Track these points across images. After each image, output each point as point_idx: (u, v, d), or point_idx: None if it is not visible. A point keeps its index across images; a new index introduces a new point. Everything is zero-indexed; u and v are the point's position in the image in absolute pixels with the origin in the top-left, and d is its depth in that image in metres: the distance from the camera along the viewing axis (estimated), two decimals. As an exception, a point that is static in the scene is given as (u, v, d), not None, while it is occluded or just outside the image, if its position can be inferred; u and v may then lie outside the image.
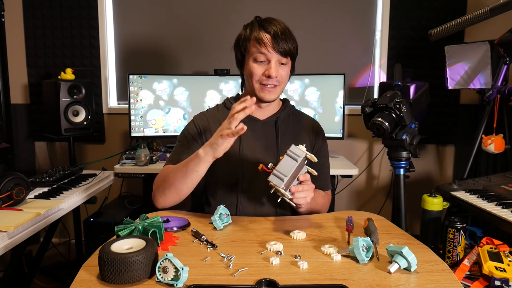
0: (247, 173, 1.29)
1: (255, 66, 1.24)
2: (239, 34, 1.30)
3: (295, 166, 1.01)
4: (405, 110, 1.20)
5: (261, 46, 1.21)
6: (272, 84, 1.25)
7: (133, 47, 2.76)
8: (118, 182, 2.64)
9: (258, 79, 1.25)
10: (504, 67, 1.97)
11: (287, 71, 1.28)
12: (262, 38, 1.21)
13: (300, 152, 1.02)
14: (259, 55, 1.23)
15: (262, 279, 0.80)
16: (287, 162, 1.01)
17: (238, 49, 1.30)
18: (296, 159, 1.01)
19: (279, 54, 1.22)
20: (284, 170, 1.00)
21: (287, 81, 1.31)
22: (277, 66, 1.23)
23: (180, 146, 1.33)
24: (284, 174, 1.00)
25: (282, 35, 1.21)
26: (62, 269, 2.50)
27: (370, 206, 2.86)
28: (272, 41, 1.21)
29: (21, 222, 1.32)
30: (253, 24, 1.27)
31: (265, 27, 1.22)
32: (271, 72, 1.22)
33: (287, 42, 1.22)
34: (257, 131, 1.33)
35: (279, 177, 1.00)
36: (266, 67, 1.23)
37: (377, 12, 2.72)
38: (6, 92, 2.23)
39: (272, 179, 1.00)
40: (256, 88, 1.26)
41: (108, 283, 0.78)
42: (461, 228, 1.35)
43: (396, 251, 0.85)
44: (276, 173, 1.00)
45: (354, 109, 2.71)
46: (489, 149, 2.01)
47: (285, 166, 1.01)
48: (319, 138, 1.40)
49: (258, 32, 1.23)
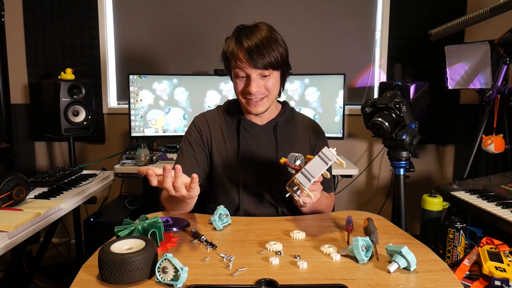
0: (246, 178, 1.30)
1: (237, 81, 1.23)
2: (222, 46, 1.27)
3: (324, 168, 0.99)
4: (405, 110, 1.20)
5: (237, 63, 1.19)
6: (258, 98, 1.23)
7: (133, 47, 2.76)
8: (118, 182, 2.64)
9: (241, 94, 1.24)
10: (504, 67, 1.97)
11: (274, 81, 1.23)
12: (238, 55, 1.18)
13: (332, 156, 0.99)
14: (238, 71, 1.21)
15: (262, 279, 0.80)
16: (317, 163, 0.99)
17: (223, 62, 1.29)
18: (327, 162, 0.98)
19: (257, 69, 1.18)
20: (313, 171, 0.98)
21: (277, 90, 1.27)
22: (258, 81, 1.20)
23: (184, 151, 1.33)
24: (312, 175, 0.98)
25: (258, 48, 1.16)
26: (62, 269, 2.50)
27: (370, 206, 2.86)
28: (247, 57, 1.16)
29: (21, 222, 1.32)
30: (231, 37, 1.23)
31: (241, 42, 1.18)
32: (251, 89, 1.19)
33: (264, 56, 1.16)
34: (256, 136, 1.32)
35: (307, 177, 0.98)
36: (247, 82, 1.21)
37: (377, 12, 2.72)
38: (6, 92, 2.23)
39: (299, 177, 0.99)
40: (243, 102, 1.26)
41: (108, 283, 0.78)
42: (461, 228, 1.35)
43: (395, 251, 0.85)
44: (305, 172, 0.99)
45: (354, 109, 2.71)
46: (489, 149, 2.01)
47: (315, 167, 0.99)
48: (319, 140, 1.40)
49: (233, 48, 1.19)
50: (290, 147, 1.34)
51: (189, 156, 1.31)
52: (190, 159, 1.30)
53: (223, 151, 1.31)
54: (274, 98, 1.29)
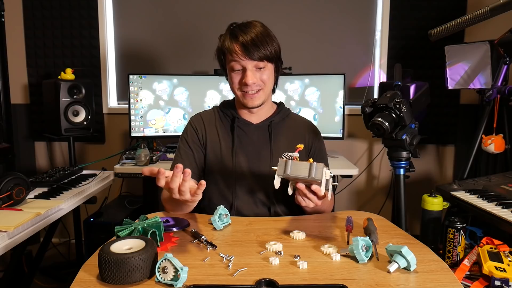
0: (240, 176, 1.30)
1: (233, 75, 1.26)
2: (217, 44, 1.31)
3: (303, 176, 0.97)
4: (405, 110, 1.20)
5: (233, 56, 1.22)
6: (254, 90, 1.25)
7: (133, 47, 2.76)
8: (118, 182, 2.64)
9: (238, 87, 1.27)
10: (504, 67, 1.97)
11: (269, 74, 1.27)
12: (233, 48, 1.22)
13: (319, 174, 0.96)
14: (234, 64, 1.24)
15: (262, 279, 0.80)
16: (303, 168, 0.97)
17: (218, 60, 1.32)
18: (309, 174, 0.96)
19: (253, 60, 1.22)
20: (294, 170, 0.97)
21: (272, 83, 1.31)
22: (254, 73, 1.23)
23: (181, 150, 1.35)
24: (289, 171, 0.97)
25: (253, 42, 1.20)
26: (62, 269, 2.50)
27: (370, 206, 2.86)
28: (243, 50, 1.21)
29: (21, 222, 1.32)
30: (225, 34, 1.27)
31: (236, 36, 1.22)
32: (247, 80, 1.22)
33: (259, 48, 1.21)
34: (250, 135, 1.34)
35: (285, 169, 0.97)
36: (242, 75, 1.24)
37: (377, 12, 2.72)
38: (6, 92, 2.23)
39: (280, 164, 0.98)
40: (239, 96, 1.28)
41: (107, 283, 0.78)
42: (461, 228, 1.35)
43: (395, 251, 0.85)
44: (290, 164, 0.97)
45: (354, 109, 2.71)
46: (489, 149, 2.01)
47: (299, 169, 0.97)
48: (315, 140, 1.40)
49: (228, 43, 1.23)
50: (284, 146, 1.34)
51: (187, 155, 1.33)
52: (188, 157, 1.33)
53: (217, 150, 1.33)
54: (269, 92, 1.31)
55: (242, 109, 1.35)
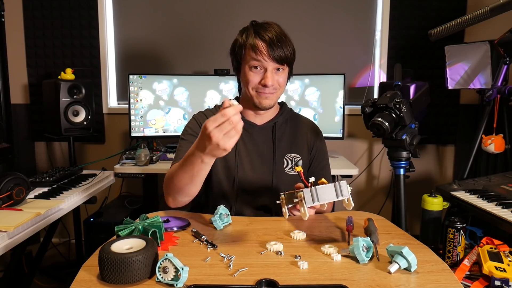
0: (242, 178, 1.30)
1: (251, 73, 1.23)
2: (235, 39, 1.28)
3: (333, 199, 0.96)
4: (405, 110, 1.20)
5: (256, 54, 1.20)
6: (272, 91, 1.24)
7: (133, 47, 2.76)
8: (118, 182, 2.64)
9: (254, 86, 1.24)
10: (504, 67, 1.97)
11: (284, 77, 1.26)
12: (258, 46, 1.20)
13: (346, 193, 0.96)
14: (255, 63, 1.21)
15: (262, 279, 0.80)
16: (329, 191, 0.95)
17: (234, 55, 1.29)
18: (338, 195, 0.96)
19: (275, 62, 1.20)
20: (322, 196, 0.95)
21: (284, 86, 1.30)
22: (273, 74, 1.22)
23: (185, 144, 1.29)
24: (318, 199, 0.95)
25: (278, 42, 1.19)
26: (62, 269, 2.50)
27: (370, 206, 2.86)
28: (268, 49, 1.19)
29: (21, 222, 1.32)
30: (248, 30, 1.24)
31: (261, 34, 1.20)
32: (267, 82, 1.21)
33: (283, 49, 1.20)
34: (254, 136, 1.33)
35: (313, 197, 0.95)
36: (262, 75, 1.22)
37: (377, 12, 2.72)
38: (6, 92, 2.23)
39: (306, 193, 0.95)
40: (253, 95, 1.26)
41: (108, 283, 0.78)
42: (461, 228, 1.35)
43: (396, 251, 0.85)
44: (314, 192, 0.95)
45: (354, 109, 2.71)
46: (489, 149, 2.01)
47: (325, 193, 0.95)
48: (317, 140, 1.40)
49: (253, 39, 1.21)
50: (287, 148, 1.34)
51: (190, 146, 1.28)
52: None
53: None
54: (280, 95, 1.30)
55: (247, 110, 1.32)
